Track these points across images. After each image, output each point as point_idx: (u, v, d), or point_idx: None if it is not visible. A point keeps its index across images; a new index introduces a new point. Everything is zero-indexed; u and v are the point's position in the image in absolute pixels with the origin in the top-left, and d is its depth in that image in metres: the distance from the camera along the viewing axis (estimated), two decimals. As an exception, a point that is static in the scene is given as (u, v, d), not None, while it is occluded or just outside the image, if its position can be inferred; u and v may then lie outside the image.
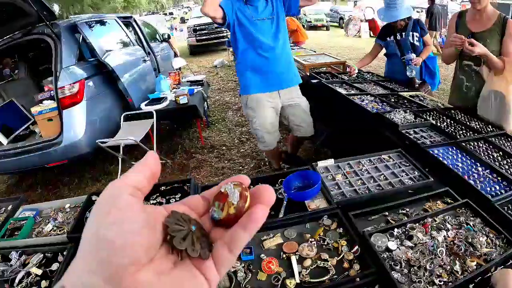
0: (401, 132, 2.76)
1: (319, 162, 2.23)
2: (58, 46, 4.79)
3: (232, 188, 0.46)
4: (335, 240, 1.59)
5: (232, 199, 0.45)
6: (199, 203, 0.49)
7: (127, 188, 0.40)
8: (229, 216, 0.44)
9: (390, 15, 4.28)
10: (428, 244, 1.55)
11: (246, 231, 0.43)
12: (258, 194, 0.46)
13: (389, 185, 2.04)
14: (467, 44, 2.85)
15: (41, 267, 1.69)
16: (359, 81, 4.64)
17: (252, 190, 0.47)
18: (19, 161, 4.71)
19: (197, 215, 0.48)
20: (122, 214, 0.38)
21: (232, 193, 0.45)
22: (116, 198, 0.39)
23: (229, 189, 0.46)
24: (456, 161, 2.32)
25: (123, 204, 0.38)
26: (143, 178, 0.43)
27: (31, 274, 1.65)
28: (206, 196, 0.50)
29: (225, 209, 0.44)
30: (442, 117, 3.11)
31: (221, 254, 0.42)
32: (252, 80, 3.62)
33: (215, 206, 0.46)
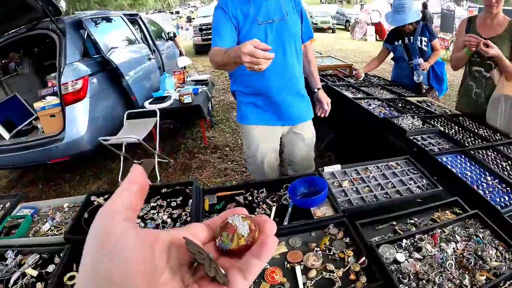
0: (408, 138, 2.70)
1: (325, 168, 2.17)
2: (62, 42, 4.75)
3: (241, 220, 0.46)
4: (341, 250, 1.53)
5: (242, 231, 0.45)
6: (203, 231, 0.49)
7: (119, 213, 0.39)
8: (239, 247, 0.45)
9: (398, 19, 4.21)
10: (437, 256, 1.49)
11: (260, 260, 0.43)
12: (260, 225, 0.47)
13: (396, 193, 1.99)
14: (482, 45, 2.81)
15: (37, 268, 1.65)
16: (366, 84, 4.58)
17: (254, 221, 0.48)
18: (21, 156, 4.67)
19: (200, 244, 0.47)
20: (117, 244, 0.37)
21: (241, 226, 0.46)
22: (110, 227, 0.38)
23: (237, 221, 0.46)
24: (465, 169, 2.26)
25: (117, 233, 0.37)
26: (133, 196, 0.42)
27: (26, 275, 1.61)
28: (209, 225, 0.50)
29: (234, 240, 0.45)
30: (450, 123, 3.05)
31: (237, 280, 0.42)
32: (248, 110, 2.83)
33: (223, 237, 0.46)
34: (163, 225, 1.82)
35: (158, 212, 1.94)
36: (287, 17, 2.56)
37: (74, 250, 1.67)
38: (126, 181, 0.43)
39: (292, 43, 2.63)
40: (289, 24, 2.58)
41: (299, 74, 2.80)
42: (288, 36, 2.59)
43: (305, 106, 2.93)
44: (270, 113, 2.79)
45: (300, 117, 2.92)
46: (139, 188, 0.43)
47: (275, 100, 2.73)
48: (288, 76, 2.69)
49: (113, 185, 5.06)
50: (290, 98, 2.77)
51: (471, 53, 3.11)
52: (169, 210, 1.94)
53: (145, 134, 4.80)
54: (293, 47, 2.66)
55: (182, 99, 5.53)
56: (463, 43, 3.08)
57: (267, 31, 2.52)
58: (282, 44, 2.58)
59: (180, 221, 1.85)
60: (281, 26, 2.55)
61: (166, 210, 1.95)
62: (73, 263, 1.60)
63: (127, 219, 0.39)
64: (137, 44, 6.60)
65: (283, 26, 2.55)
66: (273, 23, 2.52)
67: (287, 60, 2.64)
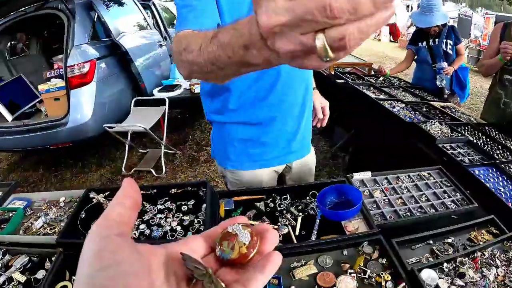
0: (437, 146, 2.53)
1: (355, 174, 1.98)
2: (71, 23, 4.61)
3: (241, 228, 0.46)
4: (377, 273, 1.35)
5: (243, 239, 0.44)
6: (202, 244, 0.48)
7: (113, 228, 0.39)
8: (240, 256, 0.43)
9: (425, 20, 4.07)
10: (479, 284, 1.32)
11: (263, 274, 0.41)
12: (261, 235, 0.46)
13: (431, 207, 1.81)
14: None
15: (25, 272, 1.46)
16: (386, 85, 4.40)
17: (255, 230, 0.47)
18: (22, 139, 4.57)
19: (199, 257, 0.46)
20: (114, 257, 0.36)
21: (242, 234, 0.45)
22: (106, 241, 0.38)
23: (237, 229, 0.46)
24: (498, 184, 2.09)
25: (114, 246, 0.37)
26: (126, 210, 0.42)
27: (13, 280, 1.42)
28: (208, 236, 0.49)
29: (235, 249, 0.44)
30: (477, 133, 2.89)
31: None
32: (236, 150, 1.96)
33: (224, 246, 0.45)
34: (172, 233, 1.59)
35: (166, 217, 1.70)
36: None
37: (67, 255, 1.47)
38: (119, 194, 0.43)
39: None
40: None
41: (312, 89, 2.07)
42: None
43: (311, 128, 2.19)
44: (278, 149, 1.98)
45: (310, 144, 2.23)
46: (132, 202, 0.43)
47: (287, 128, 1.94)
48: (306, 94, 1.93)
49: (116, 174, 4.92)
50: (305, 124, 2.04)
51: (505, 62, 2.96)
52: (179, 215, 1.70)
53: (152, 123, 4.67)
54: None
55: (193, 88, 5.39)
56: (497, 50, 2.94)
57: None
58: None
59: (192, 229, 1.61)
60: None
61: (175, 215, 1.71)
62: (65, 271, 1.40)
63: (122, 233, 0.39)
64: (148, 30, 6.45)
65: None
66: None
67: (304, 73, 1.92)
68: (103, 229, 0.39)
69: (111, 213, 0.40)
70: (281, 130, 1.92)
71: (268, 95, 1.77)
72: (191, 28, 1.18)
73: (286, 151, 1.99)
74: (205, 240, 0.48)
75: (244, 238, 0.44)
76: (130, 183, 0.44)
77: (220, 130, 1.96)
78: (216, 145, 2.05)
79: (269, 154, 1.95)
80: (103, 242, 0.37)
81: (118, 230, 0.39)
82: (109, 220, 0.40)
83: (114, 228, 0.39)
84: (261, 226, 0.47)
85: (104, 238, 0.38)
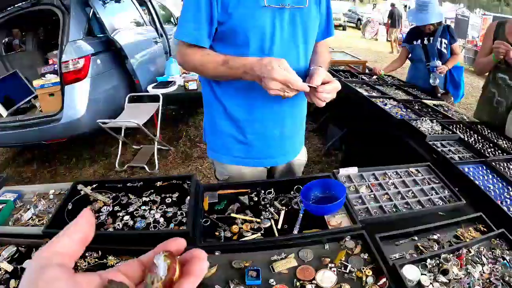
0: (428, 143, 2.52)
1: (341, 170, 1.98)
2: (66, 19, 4.59)
3: (162, 260, 0.45)
4: (358, 268, 1.34)
5: (160, 272, 0.44)
6: (136, 270, 0.49)
7: (55, 258, 0.41)
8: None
9: (421, 18, 4.08)
10: (463, 281, 1.31)
11: None
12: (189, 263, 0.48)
13: (418, 203, 1.80)
14: (511, 53, 2.64)
15: (13, 262, 1.47)
16: (380, 83, 4.40)
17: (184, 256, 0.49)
18: (17, 135, 4.56)
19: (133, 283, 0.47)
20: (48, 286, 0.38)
21: (160, 267, 0.45)
22: (44, 270, 0.39)
23: (159, 261, 0.45)
24: (488, 182, 2.09)
25: (50, 277, 0.38)
26: (73, 243, 0.43)
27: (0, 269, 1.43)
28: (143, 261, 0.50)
29: (154, 284, 0.44)
30: (469, 131, 2.88)
31: None
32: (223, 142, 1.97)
33: (148, 279, 0.45)
34: (155, 224, 1.59)
35: (150, 209, 1.70)
36: (306, 5, 1.70)
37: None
38: (70, 227, 0.44)
39: (309, 42, 1.83)
40: (308, 15, 1.74)
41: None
42: (305, 32, 1.77)
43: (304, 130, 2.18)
44: (257, 151, 1.95)
45: (300, 147, 2.19)
46: (82, 236, 0.44)
47: (273, 131, 1.90)
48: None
49: (110, 170, 4.91)
50: (294, 125, 2.00)
51: (497, 60, 2.96)
52: (163, 207, 1.71)
53: (146, 119, 4.67)
54: (309, 50, 1.86)
55: (187, 85, 5.40)
56: (491, 48, 2.94)
57: (276, 20, 1.65)
58: (296, 43, 1.76)
59: (175, 221, 1.61)
60: (297, 15, 1.70)
61: (159, 207, 1.72)
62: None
63: (62, 264, 0.40)
64: (144, 27, 6.45)
65: (300, 16, 1.71)
66: (285, 9, 1.65)
67: (300, 69, 1.81)
68: (43, 259, 0.40)
69: (55, 244, 0.42)
70: (263, 134, 1.89)
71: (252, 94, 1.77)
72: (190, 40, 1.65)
73: (266, 155, 1.97)
74: (139, 265, 0.49)
75: (161, 271, 0.45)
76: (85, 216, 0.46)
77: (210, 118, 1.99)
78: (206, 131, 2.06)
79: (247, 154, 1.94)
80: (40, 271, 0.39)
81: (58, 261, 0.41)
82: (51, 252, 0.41)
83: (54, 259, 0.41)
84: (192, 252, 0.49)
85: (42, 267, 0.39)
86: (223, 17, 1.61)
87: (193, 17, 1.61)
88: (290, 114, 1.91)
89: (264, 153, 1.95)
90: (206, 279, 1.30)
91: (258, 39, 1.65)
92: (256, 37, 1.64)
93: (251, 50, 1.66)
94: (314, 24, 1.82)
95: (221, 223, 1.60)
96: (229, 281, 1.28)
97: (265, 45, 1.67)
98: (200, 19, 1.60)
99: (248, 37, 1.64)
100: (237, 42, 1.67)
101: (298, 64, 1.80)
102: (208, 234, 1.54)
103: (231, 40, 1.68)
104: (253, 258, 1.39)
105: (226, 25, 1.63)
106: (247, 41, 1.65)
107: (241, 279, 1.29)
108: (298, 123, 2.04)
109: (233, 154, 1.94)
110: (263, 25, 1.63)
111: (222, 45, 1.71)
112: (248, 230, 1.56)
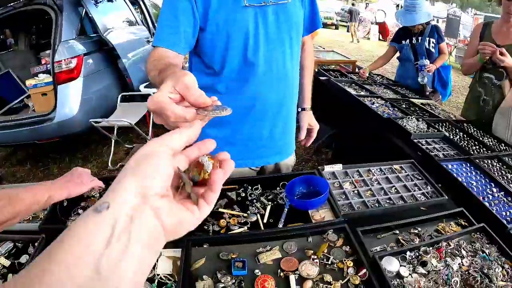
0: (413, 141, 2.58)
1: (326, 167, 2.03)
2: (59, 18, 4.60)
3: (207, 160, 0.60)
4: (340, 259, 1.40)
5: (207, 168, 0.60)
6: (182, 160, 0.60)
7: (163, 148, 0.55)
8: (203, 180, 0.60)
9: (409, 19, 4.14)
10: (442, 272, 1.37)
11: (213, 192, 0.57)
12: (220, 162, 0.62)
13: (400, 199, 1.86)
14: (498, 53, 2.70)
15: (10, 257, 1.51)
16: (369, 82, 4.46)
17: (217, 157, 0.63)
18: (9, 134, 4.58)
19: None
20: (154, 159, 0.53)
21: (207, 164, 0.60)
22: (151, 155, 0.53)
23: (205, 161, 0.60)
24: (470, 179, 2.14)
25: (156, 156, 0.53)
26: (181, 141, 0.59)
27: (-1, 265, 1.47)
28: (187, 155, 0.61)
29: (201, 175, 0.60)
30: (454, 129, 2.93)
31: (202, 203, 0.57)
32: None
33: (194, 172, 0.60)
34: None
35: None
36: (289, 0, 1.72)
37: (49, 240, 1.52)
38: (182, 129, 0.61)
39: (295, 38, 1.82)
40: (292, 10, 1.75)
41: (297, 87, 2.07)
42: (290, 29, 1.76)
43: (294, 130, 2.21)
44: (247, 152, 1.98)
45: (290, 148, 2.22)
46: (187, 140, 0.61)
47: (257, 132, 1.93)
48: (287, 92, 1.90)
49: (103, 168, 4.93)
50: (283, 125, 2.01)
51: (483, 61, 3.01)
52: None
53: (138, 118, 4.70)
54: (296, 46, 1.86)
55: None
56: (477, 49, 2.99)
57: (258, 19, 1.66)
58: (281, 41, 1.76)
59: None
60: (280, 12, 1.71)
61: None
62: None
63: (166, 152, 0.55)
64: (136, 26, 6.48)
65: (283, 12, 1.71)
66: (268, 6, 1.66)
67: (287, 67, 1.83)
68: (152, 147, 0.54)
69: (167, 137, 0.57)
70: (252, 134, 1.92)
71: (239, 96, 1.78)
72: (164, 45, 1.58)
73: (256, 155, 2.00)
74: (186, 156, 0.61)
75: (208, 167, 0.59)
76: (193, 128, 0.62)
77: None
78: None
79: (237, 155, 1.78)
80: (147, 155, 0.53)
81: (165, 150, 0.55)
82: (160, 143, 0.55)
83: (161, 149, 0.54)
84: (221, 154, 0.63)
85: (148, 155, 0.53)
86: (204, 22, 1.62)
87: (171, 22, 1.60)
88: (279, 114, 1.94)
89: (255, 154, 1.98)
90: (194, 270, 1.35)
91: (242, 40, 1.66)
92: (240, 39, 1.66)
93: (235, 52, 1.68)
94: (299, 19, 1.82)
95: (210, 218, 1.64)
96: (216, 271, 1.33)
97: (249, 46, 1.68)
98: (178, 24, 1.58)
99: (232, 39, 1.65)
100: (220, 45, 1.67)
101: (285, 63, 1.81)
102: (197, 228, 1.58)
103: (213, 45, 1.68)
104: (240, 250, 1.44)
105: (208, 29, 1.63)
106: (231, 44, 1.66)
107: (228, 269, 1.35)
108: (288, 123, 2.07)
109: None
110: (246, 26, 1.64)
111: (204, 52, 1.73)
112: (235, 224, 1.62)
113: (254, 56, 1.69)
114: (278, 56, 1.76)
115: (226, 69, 1.73)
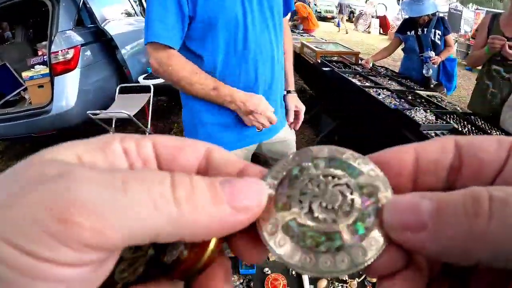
0: (422, 132, 2.51)
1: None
2: (55, 9, 4.50)
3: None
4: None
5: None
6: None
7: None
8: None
9: (416, 9, 4.09)
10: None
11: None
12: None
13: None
14: (507, 47, 2.64)
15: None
16: (373, 74, 4.39)
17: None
18: (6, 127, 4.48)
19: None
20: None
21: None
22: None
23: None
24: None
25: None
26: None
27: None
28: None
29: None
30: (462, 122, 2.87)
31: None
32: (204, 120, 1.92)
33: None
34: None
35: None
36: None
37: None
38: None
39: (277, 22, 1.86)
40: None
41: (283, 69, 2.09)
42: (272, 12, 1.80)
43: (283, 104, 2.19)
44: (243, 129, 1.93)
45: (282, 122, 2.17)
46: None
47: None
48: (276, 70, 1.92)
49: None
50: (280, 100, 2.08)
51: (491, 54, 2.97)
52: None
53: (136, 110, 4.60)
54: (278, 26, 1.88)
55: (178, 76, 5.29)
56: (485, 42, 2.95)
57: (246, 5, 1.67)
58: (267, 25, 1.79)
59: None
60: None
61: None
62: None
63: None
64: (135, 17, 6.39)
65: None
66: None
67: (273, 47, 1.85)
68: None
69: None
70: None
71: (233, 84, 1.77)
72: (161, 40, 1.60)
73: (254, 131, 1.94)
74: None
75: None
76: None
77: (189, 112, 1.96)
78: (188, 127, 2.04)
79: (235, 136, 1.94)
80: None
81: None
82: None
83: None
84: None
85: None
86: (193, 12, 1.60)
87: (162, 16, 1.58)
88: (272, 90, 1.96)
89: (252, 130, 1.92)
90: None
91: (232, 28, 1.67)
92: (230, 26, 1.66)
93: (226, 38, 1.68)
94: (279, 2, 1.85)
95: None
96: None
97: (239, 33, 1.69)
98: (170, 18, 1.58)
99: (222, 27, 1.65)
100: (210, 35, 1.67)
101: (271, 47, 1.84)
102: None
103: (204, 34, 1.68)
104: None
105: (198, 19, 1.62)
106: (221, 32, 1.66)
107: (235, 268, 1.27)
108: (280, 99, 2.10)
109: (223, 142, 1.88)
110: (235, 13, 1.64)
111: (194, 42, 1.72)
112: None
113: (244, 41, 1.71)
114: (265, 42, 1.79)
115: (218, 57, 1.72)
